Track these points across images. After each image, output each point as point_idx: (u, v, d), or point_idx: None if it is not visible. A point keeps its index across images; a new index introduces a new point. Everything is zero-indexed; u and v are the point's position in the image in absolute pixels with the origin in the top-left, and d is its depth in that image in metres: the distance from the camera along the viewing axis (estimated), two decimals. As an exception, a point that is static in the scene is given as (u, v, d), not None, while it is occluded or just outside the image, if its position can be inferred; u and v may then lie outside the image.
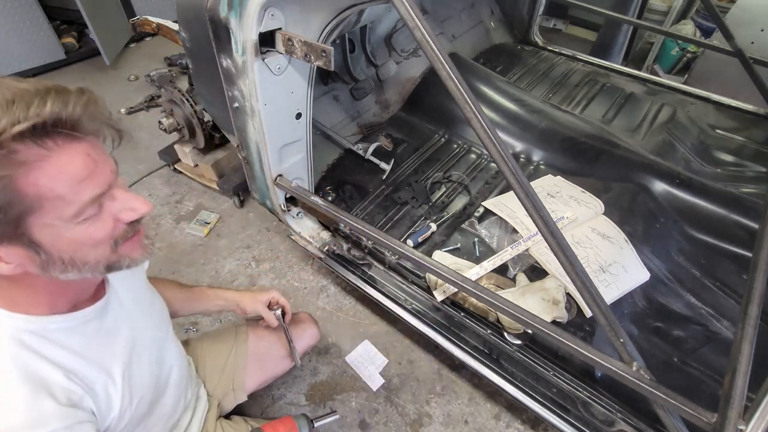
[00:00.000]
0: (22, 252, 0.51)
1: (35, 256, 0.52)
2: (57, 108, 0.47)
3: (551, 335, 0.85)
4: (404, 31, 2.07)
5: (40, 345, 0.58)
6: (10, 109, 0.44)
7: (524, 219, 1.48)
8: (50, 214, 0.50)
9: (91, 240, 0.55)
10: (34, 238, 0.51)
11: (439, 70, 0.73)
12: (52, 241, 0.52)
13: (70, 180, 0.50)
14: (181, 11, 1.19)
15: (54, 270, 0.54)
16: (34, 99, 0.46)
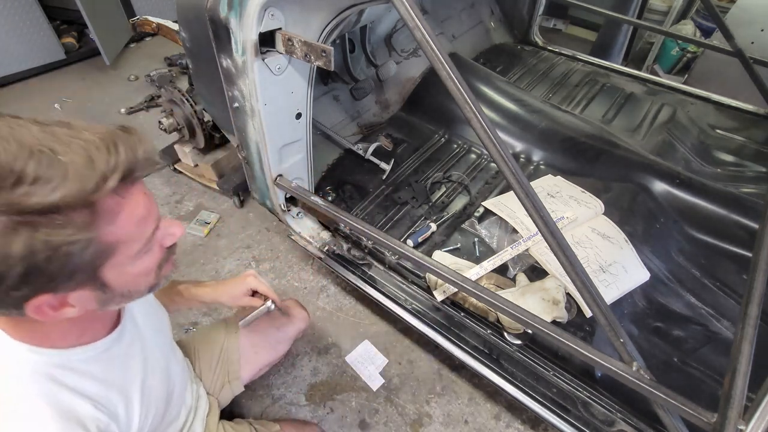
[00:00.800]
0: (89, 294, 0.52)
1: (101, 295, 0.53)
2: (130, 155, 0.47)
3: (551, 335, 0.85)
4: (404, 31, 2.07)
5: (67, 377, 0.58)
6: (92, 166, 0.44)
7: (524, 219, 1.48)
8: (121, 255, 0.51)
9: (146, 270, 0.57)
10: (105, 280, 0.52)
11: (439, 70, 0.73)
12: (118, 279, 0.53)
13: (137, 221, 0.51)
14: (181, 11, 1.19)
15: (111, 304, 0.56)
16: (110, 152, 0.45)
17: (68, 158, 0.43)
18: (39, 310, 0.48)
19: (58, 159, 0.42)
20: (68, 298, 0.50)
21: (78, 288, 0.50)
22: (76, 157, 0.43)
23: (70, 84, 2.93)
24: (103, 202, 0.46)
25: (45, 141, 0.43)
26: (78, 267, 0.47)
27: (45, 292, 0.47)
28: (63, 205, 0.42)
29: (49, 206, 0.41)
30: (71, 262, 0.45)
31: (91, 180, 0.43)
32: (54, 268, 0.44)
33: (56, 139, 0.44)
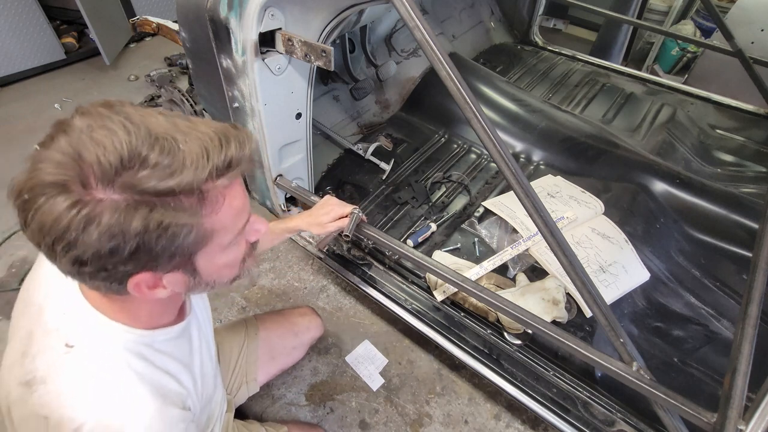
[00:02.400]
0: (181, 277, 0.55)
1: (190, 280, 0.56)
2: (238, 151, 0.50)
3: (551, 335, 0.85)
4: (404, 31, 2.07)
5: (154, 356, 0.63)
6: (206, 155, 0.47)
7: (524, 219, 1.48)
8: (215, 243, 0.54)
9: (232, 262, 0.60)
10: (197, 266, 0.55)
11: (439, 70, 0.73)
12: (207, 267, 0.56)
13: (234, 213, 0.54)
14: (181, 11, 1.19)
15: (197, 290, 0.59)
16: (222, 145, 0.49)
17: (187, 147, 0.47)
18: (137, 287, 0.52)
19: (179, 147, 0.46)
20: (163, 279, 0.53)
21: (173, 270, 0.53)
22: (194, 147, 0.47)
23: (70, 84, 2.93)
24: (211, 192, 0.49)
25: (169, 130, 0.47)
26: (179, 249, 0.50)
27: (147, 270, 0.50)
28: (178, 190, 0.46)
29: (165, 190, 0.45)
30: (175, 244, 0.49)
31: (204, 170, 0.47)
32: (160, 247, 0.48)
33: (178, 130, 0.48)
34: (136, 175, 0.44)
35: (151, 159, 0.44)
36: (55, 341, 0.57)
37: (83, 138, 0.44)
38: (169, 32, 1.90)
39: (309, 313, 1.36)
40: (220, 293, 1.76)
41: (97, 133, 0.44)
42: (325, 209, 1.08)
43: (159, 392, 0.60)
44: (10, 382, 0.58)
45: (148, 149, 0.45)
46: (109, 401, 0.56)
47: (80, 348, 0.57)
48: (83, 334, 0.58)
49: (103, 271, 0.48)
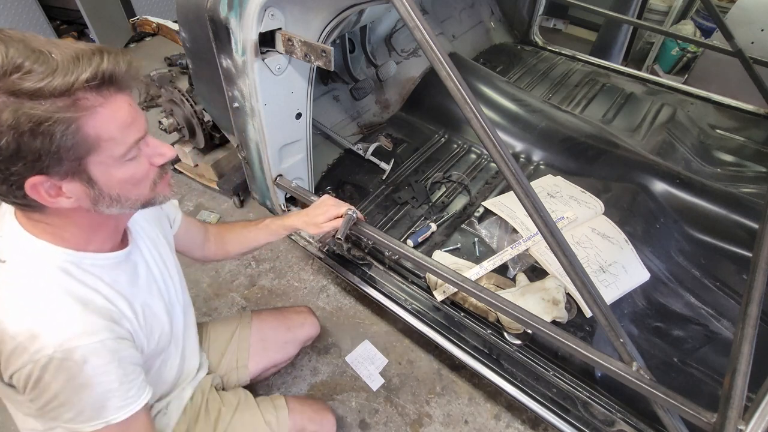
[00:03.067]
0: (80, 187, 0.60)
1: (90, 190, 0.61)
2: (111, 64, 0.55)
3: (551, 335, 0.85)
4: (404, 31, 2.07)
5: (80, 274, 0.67)
6: (77, 64, 0.53)
7: (524, 219, 1.48)
8: (104, 153, 0.59)
9: (133, 179, 0.64)
10: (91, 174, 0.60)
11: (439, 70, 0.73)
12: (104, 178, 0.61)
13: (119, 125, 0.59)
14: (181, 11, 1.19)
15: (102, 204, 0.63)
16: (94, 56, 0.54)
17: (60, 57, 0.53)
18: (35, 189, 0.57)
19: (52, 57, 0.52)
20: (62, 186, 0.59)
21: (68, 177, 0.58)
22: (66, 56, 0.53)
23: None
24: (83, 96, 0.54)
25: (46, 45, 0.53)
26: (62, 150, 0.55)
27: (38, 173, 0.56)
28: (48, 91, 0.51)
29: (35, 90, 0.51)
30: (54, 143, 0.53)
31: (72, 73, 0.52)
32: (39, 143, 0.53)
33: (56, 45, 0.54)
34: (9, 79, 0.50)
35: (26, 66, 0.51)
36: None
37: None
38: (169, 32, 1.90)
39: (305, 311, 1.38)
40: (220, 293, 1.76)
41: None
42: (321, 209, 1.09)
43: (82, 302, 0.65)
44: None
45: (24, 59, 0.51)
46: (30, 307, 0.62)
47: (11, 262, 0.64)
48: (13, 251, 0.64)
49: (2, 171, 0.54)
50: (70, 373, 0.61)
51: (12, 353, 0.60)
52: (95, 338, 0.63)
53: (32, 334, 0.60)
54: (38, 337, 0.60)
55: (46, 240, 0.65)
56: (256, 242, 1.14)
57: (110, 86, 0.57)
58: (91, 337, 0.63)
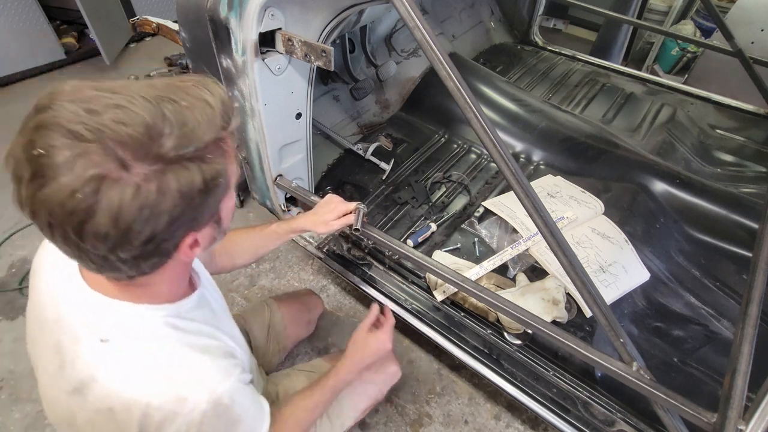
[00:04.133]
0: (209, 231, 0.56)
1: (215, 231, 0.58)
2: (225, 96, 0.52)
3: (551, 335, 0.85)
4: (404, 31, 2.07)
5: (186, 324, 0.64)
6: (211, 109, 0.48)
7: (524, 219, 1.48)
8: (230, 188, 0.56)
9: (233, 206, 0.62)
10: (221, 214, 0.57)
11: (439, 70, 0.73)
12: (225, 213, 0.58)
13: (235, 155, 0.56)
14: (181, 11, 1.19)
15: (215, 243, 0.61)
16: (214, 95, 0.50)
17: (187, 103, 0.46)
18: (185, 251, 0.53)
19: (182, 105, 0.46)
20: (198, 236, 0.54)
21: (207, 224, 0.54)
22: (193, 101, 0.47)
23: (70, 84, 2.93)
24: (225, 139, 0.51)
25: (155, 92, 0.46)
26: (217, 201, 0.52)
27: (190, 231, 0.52)
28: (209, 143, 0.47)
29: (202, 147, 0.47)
30: (217, 195, 0.51)
31: (217, 118, 0.48)
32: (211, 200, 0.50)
33: (161, 90, 0.47)
34: (164, 142, 0.44)
35: (168, 124, 0.44)
36: (88, 342, 0.57)
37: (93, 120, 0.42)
38: (169, 32, 1.90)
39: (312, 293, 1.52)
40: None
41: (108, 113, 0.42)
42: (328, 207, 1.09)
43: (204, 351, 0.62)
44: (60, 397, 0.59)
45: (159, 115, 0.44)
46: (164, 374, 0.57)
47: (116, 339, 0.57)
48: (114, 326, 0.58)
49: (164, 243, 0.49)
50: (225, 416, 0.61)
51: (163, 422, 0.56)
52: (232, 378, 0.62)
53: (179, 398, 0.56)
54: (186, 399, 0.56)
55: (145, 302, 0.60)
56: (264, 249, 1.11)
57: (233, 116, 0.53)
58: (228, 379, 0.61)
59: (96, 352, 0.57)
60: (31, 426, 1.39)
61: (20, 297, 1.74)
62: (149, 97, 0.45)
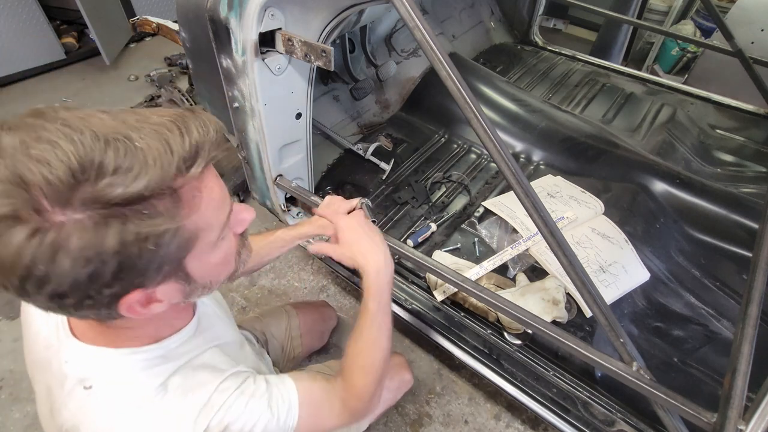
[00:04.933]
0: (174, 287, 0.51)
1: (185, 287, 0.52)
2: (201, 137, 0.44)
3: (551, 335, 0.85)
4: (404, 31, 2.07)
5: (174, 358, 0.60)
6: (168, 153, 0.42)
7: (524, 219, 1.48)
8: (202, 243, 0.49)
9: (225, 259, 0.56)
10: (188, 271, 0.50)
11: (439, 70, 0.73)
12: (200, 269, 0.52)
13: (215, 206, 0.49)
14: (181, 11, 1.19)
15: (194, 296, 0.55)
16: (181, 135, 0.43)
17: (144, 144, 0.41)
18: (130, 309, 0.47)
19: (135, 146, 0.40)
20: (156, 293, 0.49)
21: (164, 281, 0.48)
22: (152, 142, 0.41)
23: (70, 84, 2.93)
24: (185, 188, 0.44)
25: (118, 129, 0.41)
26: (165, 259, 0.45)
27: (136, 288, 0.46)
28: (148, 193, 0.40)
29: (134, 196, 0.40)
30: (160, 254, 0.44)
31: (171, 165, 0.42)
32: (144, 261, 0.43)
33: (128, 126, 0.42)
34: (94, 186, 0.38)
35: (107, 165, 0.38)
36: (72, 389, 0.55)
37: (19, 158, 0.37)
38: (169, 32, 1.90)
39: (328, 305, 1.53)
40: (221, 293, 1.76)
41: (35, 148, 0.38)
42: (332, 208, 1.06)
43: (187, 389, 0.58)
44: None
45: (101, 154, 0.38)
46: (140, 425, 0.54)
47: (98, 386, 0.54)
48: (95, 373, 0.55)
49: (88, 299, 0.43)
50: None
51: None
52: (215, 406, 0.57)
53: None
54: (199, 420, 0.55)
55: (127, 346, 0.57)
56: (269, 256, 1.08)
57: (199, 162, 0.45)
58: (211, 409, 0.57)
59: (79, 400, 0.54)
60: (31, 426, 1.39)
61: (20, 297, 1.74)
62: (100, 134, 0.40)
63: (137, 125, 0.42)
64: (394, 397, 1.22)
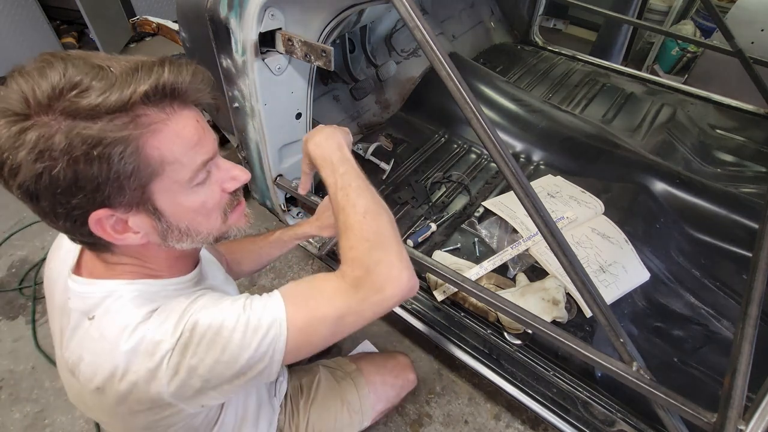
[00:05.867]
0: (147, 220, 0.55)
1: (157, 223, 0.56)
2: (173, 75, 0.50)
3: (551, 335, 0.85)
4: (404, 31, 2.07)
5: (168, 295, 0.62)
6: (134, 76, 0.48)
7: (524, 219, 1.48)
8: (169, 178, 0.53)
9: (203, 208, 0.58)
10: (156, 204, 0.54)
11: (439, 70, 0.73)
12: (172, 209, 0.55)
13: (185, 144, 0.53)
14: (181, 11, 1.19)
15: (171, 239, 0.58)
16: (155, 66, 0.50)
17: (118, 70, 0.48)
18: (100, 226, 0.52)
19: (111, 71, 0.48)
20: (128, 221, 0.54)
21: (133, 209, 0.53)
22: (124, 69, 0.48)
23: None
24: (143, 112, 0.49)
25: (107, 61, 0.49)
26: (122, 176, 0.49)
27: (101, 206, 0.50)
28: (104, 108, 0.46)
29: (89, 107, 0.46)
30: (113, 168, 0.48)
31: (129, 86, 0.47)
32: (96, 171, 0.47)
33: (117, 60, 0.50)
34: (69, 99, 0.46)
35: (84, 83, 0.46)
36: (77, 322, 0.59)
37: (30, 74, 0.47)
38: (169, 32, 1.90)
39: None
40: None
41: (40, 70, 0.47)
42: (331, 210, 1.06)
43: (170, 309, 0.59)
44: (69, 380, 0.61)
45: (83, 76, 0.46)
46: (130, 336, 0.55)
47: (98, 316, 0.58)
48: (95, 305, 0.58)
49: (59, 206, 0.49)
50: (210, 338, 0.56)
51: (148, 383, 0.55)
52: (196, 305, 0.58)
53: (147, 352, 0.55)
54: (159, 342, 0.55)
55: (123, 278, 0.60)
56: (269, 257, 1.09)
57: (173, 100, 0.52)
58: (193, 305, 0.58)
59: (83, 331, 0.58)
60: (31, 426, 1.39)
61: (20, 297, 1.75)
62: (91, 62, 0.48)
63: (126, 60, 0.50)
64: (398, 394, 1.21)
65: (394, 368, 1.21)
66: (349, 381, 1.13)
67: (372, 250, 0.64)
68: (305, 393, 1.08)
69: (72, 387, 0.62)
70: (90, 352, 0.57)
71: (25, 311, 1.69)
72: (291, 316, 0.59)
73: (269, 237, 1.06)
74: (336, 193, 0.72)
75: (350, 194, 0.72)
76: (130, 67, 0.49)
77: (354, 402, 1.10)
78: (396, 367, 1.22)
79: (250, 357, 0.56)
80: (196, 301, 0.59)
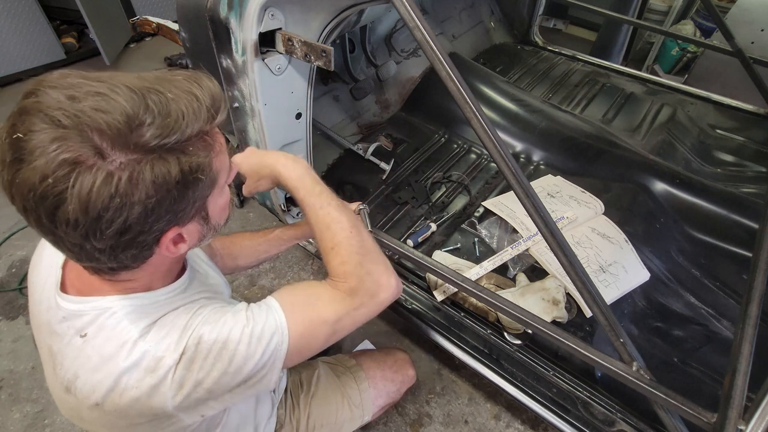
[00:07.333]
0: (197, 227, 0.57)
1: (203, 227, 0.58)
2: (214, 90, 0.51)
3: (551, 335, 0.85)
4: (404, 31, 2.07)
5: (161, 307, 0.61)
6: (198, 102, 0.48)
7: (524, 219, 1.48)
8: (219, 185, 0.56)
9: (226, 203, 0.61)
10: (208, 210, 0.57)
11: (439, 70, 0.73)
12: (213, 210, 0.58)
13: (224, 151, 0.56)
14: (181, 11, 1.19)
15: (205, 239, 0.60)
16: (200, 87, 0.50)
17: (174, 95, 0.47)
18: (167, 247, 0.53)
19: (167, 96, 0.46)
20: (184, 231, 0.54)
21: (192, 219, 0.54)
22: (180, 94, 0.47)
23: (70, 84, 2.93)
24: (211, 133, 0.52)
25: (145, 84, 0.46)
26: (200, 195, 0.52)
27: (175, 225, 0.52)
28: (191, 136, 0.47)
29: (184, 138, 0.47)
30: (200, 189, 0.51)
31: (203, 112, 0.48)
32: (190, 194, 0.50)
33: (151, 82, 0.47)
34: (144, 132, 0.44)
35: (150, 114, 0.44)
36: (70, 340, 0.58)
37: (72, 107, 0.42)
38: (169, 32, 1.90)
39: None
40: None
41: (87, 100, 0.43)
42: None
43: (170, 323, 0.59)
44: (61, 396, 0.60)
45: (142, 106, 0.44)
46: (130, 352, 0.55)
47: (91, 333, 0.57)
48: (88, 322, 0.57)
49: (140, 235, 0.49)
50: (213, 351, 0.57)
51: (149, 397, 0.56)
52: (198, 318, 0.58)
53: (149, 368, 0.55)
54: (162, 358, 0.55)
55: (117, 294, 0.59)
56: (267, 254, 1.08)
57: (223, 110, 0.53)
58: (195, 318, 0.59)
59: (77, 349, 0.57)
60: (31, 426, 1.39)
61: (20, 297, 1.75)
62: (134, 88, 0.45)
63: (158, 81, 0.48)
64: (398, 390, 1.20)
65: (394, 364, 1.21)
66: (349, 375, 1.13)
67: (363, 263, 0.69)
68: (305, 387, 1.09)
69: (66, 403, 0.61)
70: (86, 369, 0.56)
71: (25, 311, 1.69)
72: (292, 322, 0.61)
73: (269, 234, 1.06)
74: (317, 212, 0.75)
75: (332, 212, 0.74)
76: (186, 92, 0.48)
77: (354, 396, 1.10)
78: (395, 363, 1.22)
79: (254, 365, 0.58)
80: (197, 315, 0.59)
